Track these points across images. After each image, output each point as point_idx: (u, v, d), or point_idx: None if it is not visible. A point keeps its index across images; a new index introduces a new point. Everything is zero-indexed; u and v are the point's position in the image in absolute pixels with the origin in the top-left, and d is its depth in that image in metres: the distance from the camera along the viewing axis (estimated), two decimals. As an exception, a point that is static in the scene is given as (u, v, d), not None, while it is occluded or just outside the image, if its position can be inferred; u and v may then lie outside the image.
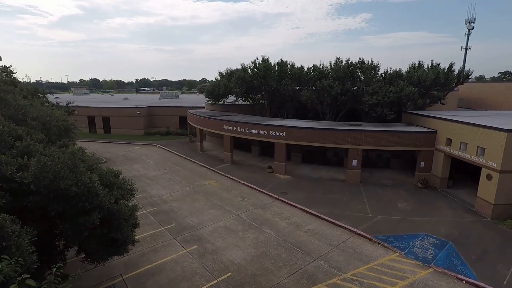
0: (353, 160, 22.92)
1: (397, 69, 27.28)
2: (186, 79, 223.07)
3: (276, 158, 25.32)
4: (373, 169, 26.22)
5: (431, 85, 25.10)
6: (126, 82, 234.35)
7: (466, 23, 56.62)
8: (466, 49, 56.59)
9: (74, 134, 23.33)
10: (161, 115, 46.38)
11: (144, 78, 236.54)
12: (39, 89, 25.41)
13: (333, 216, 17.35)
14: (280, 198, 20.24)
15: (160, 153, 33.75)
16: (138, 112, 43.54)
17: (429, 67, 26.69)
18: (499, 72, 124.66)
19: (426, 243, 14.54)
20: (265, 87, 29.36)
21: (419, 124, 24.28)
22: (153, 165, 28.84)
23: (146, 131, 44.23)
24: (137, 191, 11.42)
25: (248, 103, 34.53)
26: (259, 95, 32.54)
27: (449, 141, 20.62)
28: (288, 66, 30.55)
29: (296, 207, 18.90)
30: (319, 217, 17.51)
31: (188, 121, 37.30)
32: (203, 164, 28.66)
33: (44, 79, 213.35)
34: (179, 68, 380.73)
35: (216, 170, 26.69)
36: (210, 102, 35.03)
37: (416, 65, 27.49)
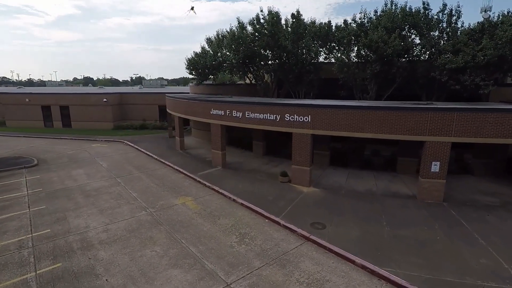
0: (433, 163, 13.11)
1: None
2: (183, 77, 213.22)
3: (296, 158, 15.47)
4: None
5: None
6: (121, 80, 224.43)
7: (481, 12, 48.21)
8: None
9: None
10: (136, 104, 36.34)
11: (139, 76, 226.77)
12: None
13: (447, 293, 7.55)
14: (312, 237, 10.38)
15: (123, 153, 23.84)
16: (104, 100, 33.48)
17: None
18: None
19: None
20: (273, 51, 19.47)
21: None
22: (105, 170, 18.95)
23: (116, 124, 34.21)
24: None
25: (248, 82, 24.64)
26: (262, 70, 22.42)
27: None
28: (307, 23, 20.61)
29: (353, 262, 9.04)
30: (413, 294, 7.69)
31: (167, 109, 27.38)
32: (179, 169, 18.78)
33: (36, 78, 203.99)
34: (176, 68, 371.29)
35: (198, 179, 16.83)
36: (195, 81, 25.11)
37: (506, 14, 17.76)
